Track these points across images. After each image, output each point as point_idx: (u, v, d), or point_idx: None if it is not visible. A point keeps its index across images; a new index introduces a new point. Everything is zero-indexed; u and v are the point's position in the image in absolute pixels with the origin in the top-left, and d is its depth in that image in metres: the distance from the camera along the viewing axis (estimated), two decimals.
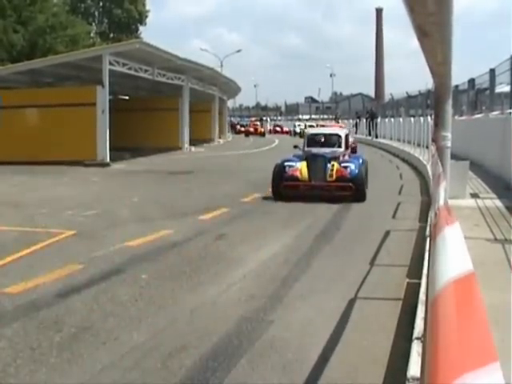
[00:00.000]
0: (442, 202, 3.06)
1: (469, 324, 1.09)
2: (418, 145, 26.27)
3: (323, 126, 30.73)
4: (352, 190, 15.15)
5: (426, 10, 1.77)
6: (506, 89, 19.78)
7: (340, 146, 16.76)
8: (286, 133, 79.39)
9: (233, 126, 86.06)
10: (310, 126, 43.24)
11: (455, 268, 1.38)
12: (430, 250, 5.61)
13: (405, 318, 6.29)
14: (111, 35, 79.77)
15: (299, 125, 72.13)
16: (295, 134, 67.32)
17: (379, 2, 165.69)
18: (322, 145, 16.92)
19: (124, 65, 29.68)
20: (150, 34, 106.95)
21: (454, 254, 1.55)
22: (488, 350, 0.95)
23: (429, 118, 21.67)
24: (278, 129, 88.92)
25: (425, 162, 21.14)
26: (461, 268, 1.35)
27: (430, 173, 15.08)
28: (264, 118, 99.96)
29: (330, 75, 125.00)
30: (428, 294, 3.74)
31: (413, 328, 5.38)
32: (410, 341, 5.16)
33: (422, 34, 2.13)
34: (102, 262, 8.86)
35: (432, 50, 2.62)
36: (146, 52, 29.45)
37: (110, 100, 28.78)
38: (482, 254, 7.77)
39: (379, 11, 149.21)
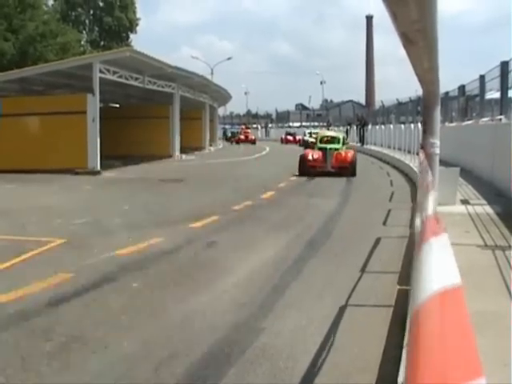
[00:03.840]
0: (430, 211, 3.06)
1: (453, 342, 1.08)
2: (409, 151, 26.38)
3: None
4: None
5: (409, 17, 1.77)
6: (496, 95, 19.90)
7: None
8: (299, 142, 64.28)
9: (225, 134, 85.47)
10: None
11: (442, 281, 1.37)
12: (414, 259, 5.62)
13: (395, 324, 6.30)
14: (102, 43, 79.71)
15: (311, 132, 59.95)
16: (306, 144, 48.71)
17: (370, 10, 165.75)
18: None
19: (114, 73, 29.64)
20: (141, 41, 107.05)
21: (442, 267, 1.55)
22: (473, 368, 0.94)
23: (419, 124, 21.73)
24: (290, 137, 75.41)
25: (415, 169, 21.20)
26: (448, 281, 1.35)
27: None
28: (255, 126, 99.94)
29: (321, 82, 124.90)
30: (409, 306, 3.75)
31: (403, 335, 5.39)
32: (400, 348, 5.17)
33: (407, 41, 2.14)
34: (92, 271, 8.84)
35: (418, 58, 2.63)
36: (136, 60, 29.42)
37: (100, 108, 28.69)
38: (473, 261, 7.80)
39: (369, 19, 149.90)
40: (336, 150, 25.60)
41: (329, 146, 25.92)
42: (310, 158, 25.43)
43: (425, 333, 1.21)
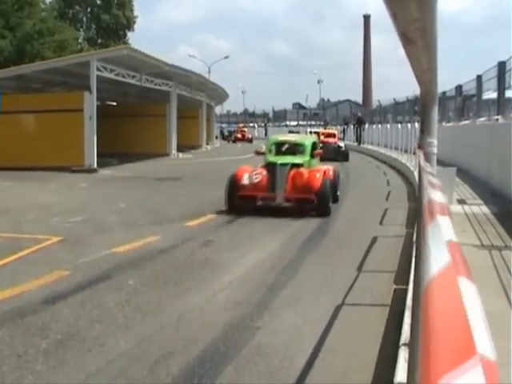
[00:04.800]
0: (425, 202, 3.07)
1: (450, 321, 1.09)
2: (406, 151, 26.38)
3: None
4: None
5: (409, 16, 1.77)
6: (493, 95, 19.89)
7: None
8: None
9: (222, 133, 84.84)
10: (315, 133, 38.29)
11: (435, 263, 1.38)
12: (416, 256, 5.62)
13: (392, 324, 6.30)
14: (99, 41, 79.52)
15: (312, 132, 53.01)
16: None
17: (368, 9, 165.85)
18: None
19: (112, 71, 29.61)
20: (138, 39, 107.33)
21: (435, 251, 1.55)
22: (468, 346, 0.95)
23: (416, 124, 21.74)
24: None
25: (412, 169, 21.21)
26: (440, 262, 1.35)
27: (416, 179, 15.17)
28: (251, 125, 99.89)
29: (318, 82, 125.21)
30: (415, 300, 3.76)
31: (400, 334, 5.39)
32: (397, 347, 5.17)
33: (407, 40, 2.14)
34: (88, 269, 8.83)
35: (417, 57, 2.63)
36: (133, 58, 29.40)
37: (97, 106, 28.69)
38: (469, 260, 7.78)
39: (367, 18, 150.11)
40: (295, 166, 14.85)
41: (282, 159, 15.10)
42: (244, 181, 14.61)
43: (426, 317, 1.21)
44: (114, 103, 48.59)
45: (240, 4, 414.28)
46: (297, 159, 15.18)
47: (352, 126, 53.95)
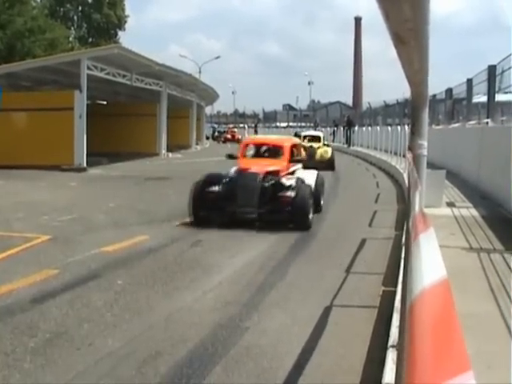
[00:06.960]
0: (417, 209, 3.07)
1: (442, 333, 1.09)
2: (395, 153, 26.42)
3: None
4: None
5: (401, 16, 1.78)
6: (483, 99, 19.96)
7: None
8: None
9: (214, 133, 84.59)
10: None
11: (428, 276, 1.37)
12: (405, 258, 5.64)
13: (380, 325, 6.31)
14: (90, 40, 79.37)
15: (306, 136, 49.01)
16: None
17: (359, 12, 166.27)
18: None
19: (102, 70, 29.53)
20: (129, 39, 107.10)
21: (428, 262, 1.55)
22: (462, 360, 0.95)
23: (406, 126, 21.78)
24: None
25: (401, 171, 21.24)
26: (433, 276, 1.35)
27: (406, 181, 15.19)
28: (242, 125, 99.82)
29: (308, 83, 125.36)
30: (404, 302, 3.76)
31: (388, 336, 5.40)
32: (385, 349, 5.18)
33: (399, 41, 2.14)
34: (77, 268, 8.81)
35: (408, 58, 2.64)
36: (124, 57, 29.32)
37: (87, 105, 28.58)
38: (458, 263, 7.81)
39: (358, 20, 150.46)
40: None
41: None
42: None
43: (416, 327, 1.21)
44: (105, 102, 48.46)
45: (232, 4, 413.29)
46: None
47: (342, 128, 53.98)
